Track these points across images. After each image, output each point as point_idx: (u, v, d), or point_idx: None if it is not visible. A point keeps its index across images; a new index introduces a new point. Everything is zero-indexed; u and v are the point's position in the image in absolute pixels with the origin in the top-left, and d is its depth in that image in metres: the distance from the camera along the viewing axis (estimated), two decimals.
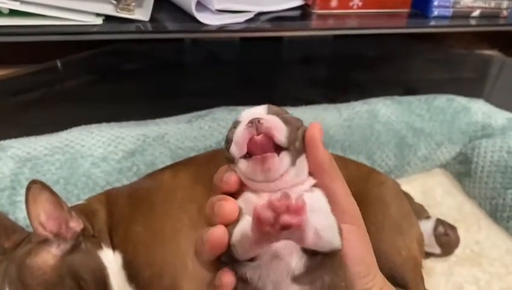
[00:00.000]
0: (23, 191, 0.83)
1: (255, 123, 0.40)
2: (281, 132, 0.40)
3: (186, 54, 1.54)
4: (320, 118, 1.04)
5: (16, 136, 0.94)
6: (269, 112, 0.43)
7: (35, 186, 0.68)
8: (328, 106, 1.11)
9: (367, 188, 0.86)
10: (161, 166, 0.92)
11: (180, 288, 0.71)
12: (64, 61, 1.41)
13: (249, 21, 1.02)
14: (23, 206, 0.81)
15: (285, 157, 0.40)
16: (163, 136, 0.97)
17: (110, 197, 0.81)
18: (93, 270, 0.70)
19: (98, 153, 0.91)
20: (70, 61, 1.41)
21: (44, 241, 0.68)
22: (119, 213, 0.78)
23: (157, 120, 1.03)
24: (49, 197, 0.69)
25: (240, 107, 1.06)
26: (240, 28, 1.01)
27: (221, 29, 0.99)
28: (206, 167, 0.85)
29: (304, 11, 1.12)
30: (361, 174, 0.89)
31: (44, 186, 0.69)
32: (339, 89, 1.40)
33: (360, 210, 0.81)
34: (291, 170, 0.40)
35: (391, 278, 0.74)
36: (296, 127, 0.43)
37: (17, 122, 1.21)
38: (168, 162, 0.94)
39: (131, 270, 0.72)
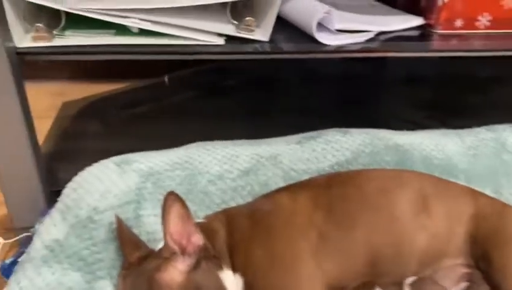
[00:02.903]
0: (147, 205, 0.86)
1: None
2: None
3: (286, 71, 1.53)
4: (441, 145, 0.98)
5: (127, 147, 0.97)
6: None
7: (171, 198, 0.67)
8: (447, 132, 1.04)
9: (502, 226, 0.78)
10: (274, 187, 0.90)
11: None
12: (172, 77, 1.47)
13: (368, 41, 0.99)
14: (147, 220, 0.84)
15: None
16: (276, 156, 0.96)
17: (229, 217, 0.81)
18: None
19: (214, 171, 0.92)
20: (177, 77, 1.47)
21: (172, 256, 0.68)
22: (240, 235, 0.77)
23: (268, 140, 1.02)
24: (181, 210, 0.68)
25: (352, 130, 1.02)
26: (359, 48, 0.98)
27: (340, 49, 0.97)
28: (324, 192, 0.82)
29: (423, 31, 1.06)
30: (496, 210, 0.81)
31: (178, 198, 0.68)
32: (448, 112, 1.32)
33: (496, 250, 0.75)
34: None
35: None
36: None
37: (128, 133, 1.27)
38: (281, 184, 0.92)
39: None
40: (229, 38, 0.96)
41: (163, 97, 1.39)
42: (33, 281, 0.71)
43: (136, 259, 0.72)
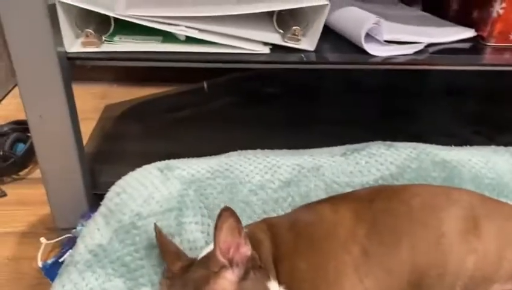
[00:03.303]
0: (189, 212, 0.86)
1: None
2: None
3: (327, 80, 1.52)
4: (492, 163, 0.94)
5: (167, 151, 0.98)
6: None
7: (225, 214, 0.66)
8: (498, 149, 0.99)
9: None
10: (315, 199, 0.89)
11: None
12: (211, 83, 1.48)
13: (417, 53, 0.96)
14: (188, 227, 0.84)
15: None
16: (319, 168, 0.94)
17: (271, 227, 0.79)
18: None
19: (255, 181, 0.91)
20: (216, 83, 1.47)
21: (221, 268, 0.67)
22: (284, 246, 0.75)
23: (311, 150, 1.01)
24: (233, 224, 0.67)
25: (397, 143, 0.99)
26: (407, 60, 0.95)
27: (387, 61, 0.95)
28: (367, 205, 0.80)
29: (475, 44, 1.02)
30: None
31: (232, 214, 0.67)
32: (497, 127, 1.27)
33: None
34: None
35: None
36: None
37: (168, 137, 1.28)
38: (323, 196, 0.90)
39: None
40: (274, 47, 0.95)
41: (203, 103, 1.40)
42: (77, 285, 0.72)
43: (179, 269, 0.71)
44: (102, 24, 0.95)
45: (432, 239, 0.75)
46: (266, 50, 0.94)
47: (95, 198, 1.00)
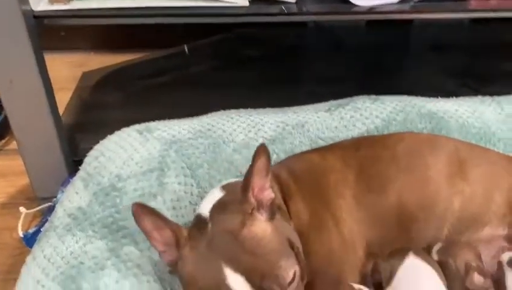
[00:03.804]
0: (170, 173, 0.83)
1: None
2: None
3: (309, 39, 1.47)
4: (478, 113, 0.92)
5: (148, 117, 0.94)
6: None
7: (262, 149, 0.62)
8: (484, 99, 0.98)
9: None
10: None
11: (346, 277, 0.66)
12: (191, 47, 1.43)
13: (401, 2, 0.93)
14: (171, 187, 0.82)
15: None
16: (303, 124, 0.92)
17: (274, 174, 0.74)
18: (297, 238, 0.65)
19: (239, 139, 0.88)
20: (196, 46, 1.43)
21: (252, 211, 0.62)
22: (288, 190, 0.74)
23: (295, 108, 0.98)
24: (265, 164, 0.63)
25: (383, 97, 0.97)
26: (391, 9, 0.92)
27: (372, 10, 0.91)
28: (353, 153, 0.79)
29: None
30: None
31: (267, 152, 0.62)
32: (483, 79, 1.26)
33: None
34: None
35: None
36: None
37: (148, 103, 1.25)
38: None
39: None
40: (254, 0, 0.91)
41: (184, 67, 1.35)
42: (57, 249, 0.69)
43: (188, 232, 0.64)
44: None
45: (418, 184, 0.74)
46: (245, 2, 0.90)
47: (75, 166, 0.96)
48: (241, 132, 0.90)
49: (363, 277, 0.69)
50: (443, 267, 0.65)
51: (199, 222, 0.66)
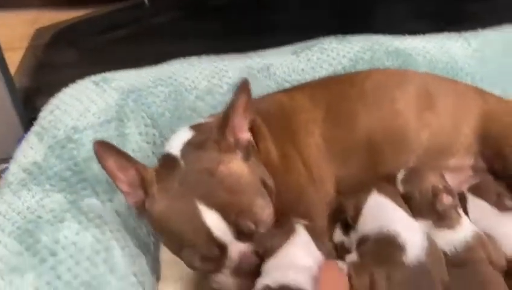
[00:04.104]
0: (130, 123, 0.79)
1: None
2: None
3: None
4: (446, 48, 0.91)
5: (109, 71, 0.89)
6: None
7: (245, 88, 0.61)
8: (451, 35, 0.96)
9: None
10: None
11: (312, 218, 0.65)
12: None
13: None
14: (132, 138, 0.78)
15: None
16: (269, 68, 0.89)
17: None
18: (270, 180, 0.64)
19: (202, 86, 0.85)
20: None
21: (230, 149, 0.61)
22: (257, 133, 0.71)
23: (260, 52, 0.94)
24: (247, 103, 0.62)
25: (349, 36, 0.94)
26: None
27: None
28: (321, 91, 0.77)
29: None
30: (505, 109, 0.76)
31: (249, 90, 0.62)
32: (448, 19, 1.23)
33: (509, 146, 0.70)
34: None
35: None
36: None
37: (107, 59, 1.18)
38: None
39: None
40: None
41: (144, 19, 1.29)
42: (12, 205, 0.66)
43: (157, 170, 0.62)
44: None
45: (386, 118, 0.73)
46: None
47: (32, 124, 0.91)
48: (204, 79, 0.86)
49: (333, 214, 0.69)
50: (409, 198, 0.65)
51: (168, 161, 0.63)
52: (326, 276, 0.54)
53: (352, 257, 0.60)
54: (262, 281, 0.55)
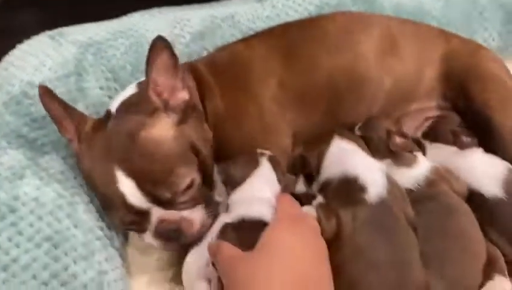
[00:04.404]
0: (90, 77, 0.76)
1: None
2: None
3: None
4: None
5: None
6: None
7: (159, 45, 0.58)
8: None
9: (478, 64, 0.74)
10: None
11: None
12: None
13: None
14: (92, 92, 0.75)
15: None
16: (233, 16, 0.86)
17: (191, 69, 0.72)
18: (206, 144, 0.64)
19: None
20: None
21: (156, 111, 0.60)
22: (205, 84, 0.70)
23: (224, 1, 0.91)
24: (168, 60, 0.60)
25: None
26: None
27: None
28: (282, 37, 0.76)
29: None
30: (469, 49, 0.76)
31: (167, 47, 0.59)
32: None
33: (475, 85, 0.70)
34: None
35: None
36: None
37: (69, 17, 1.13)
38: None
39: (219, 145, 0.66)
40: None
41: None
42: None
43: (92, 126, 0.62)
44: None
45: (348, 63, 0.72)
46: None
47: None
48: (166, 29, 0.83)
49: (291, 166, 0.68)
50: (367, 142, 0.66)
51: (106, 118, 0.63)
52: (281, 208, 0.55)
53: (319, 199, 0.60)
54: (222, 219, 0.56)
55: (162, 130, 0.58)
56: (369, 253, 0.52)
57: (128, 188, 0.56)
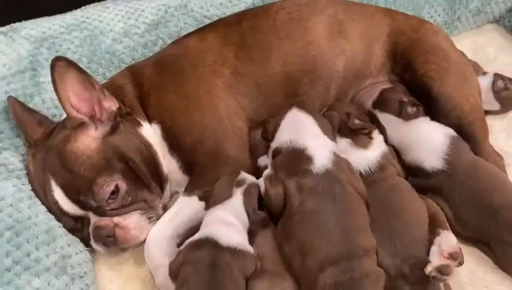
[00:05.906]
0: (45, 71, 0.77)
1: None
2: None
3: None
4: None
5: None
6: None
7: (60, 64, 0.60)
8: None
9: (421, 38, 0.77)
10: None
11: (224, 150, 0.68)
12: None
13: None
14: (48, 87, 0.76)
15: None
16: (186, 4, 0.87)
17: (134, 70, 0.75)
18: (139, 149, 0.66)
19: (118, 28, 0.83)
20: None
21: (81, 125, 0.63)
22: (148, 83, 0.72)
23: None
24: (78, 76, 0.62)
25: None
26: None
27: None
28: (235, 27, 0.78)
29: None
30: (413, 25, 0.80)
31: (71, 63, 0.61)
32: None
33: (418, 58, 0.74)
34: None
35: (458, 127, 0.70)
36: None
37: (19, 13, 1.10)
38: None
39: (171, 139, 0.69)
40: None
41: None
42: None
43: (41, 135, 0.66)
44: None
45: (300, 49, 0.75)
46: None
47: None
48: (120, 20, 0.83)
49: (251, 148, 0.71)
50: (329, 120, 0.68)
51: (54, 129, 0.66)
52: None
53: (268, 171, 0.62)
54: (190, 239, 0.58)
55: (85, 143, 0.62)
56: (317, 219, 0.55)
57: (59, 196, 0.61)
